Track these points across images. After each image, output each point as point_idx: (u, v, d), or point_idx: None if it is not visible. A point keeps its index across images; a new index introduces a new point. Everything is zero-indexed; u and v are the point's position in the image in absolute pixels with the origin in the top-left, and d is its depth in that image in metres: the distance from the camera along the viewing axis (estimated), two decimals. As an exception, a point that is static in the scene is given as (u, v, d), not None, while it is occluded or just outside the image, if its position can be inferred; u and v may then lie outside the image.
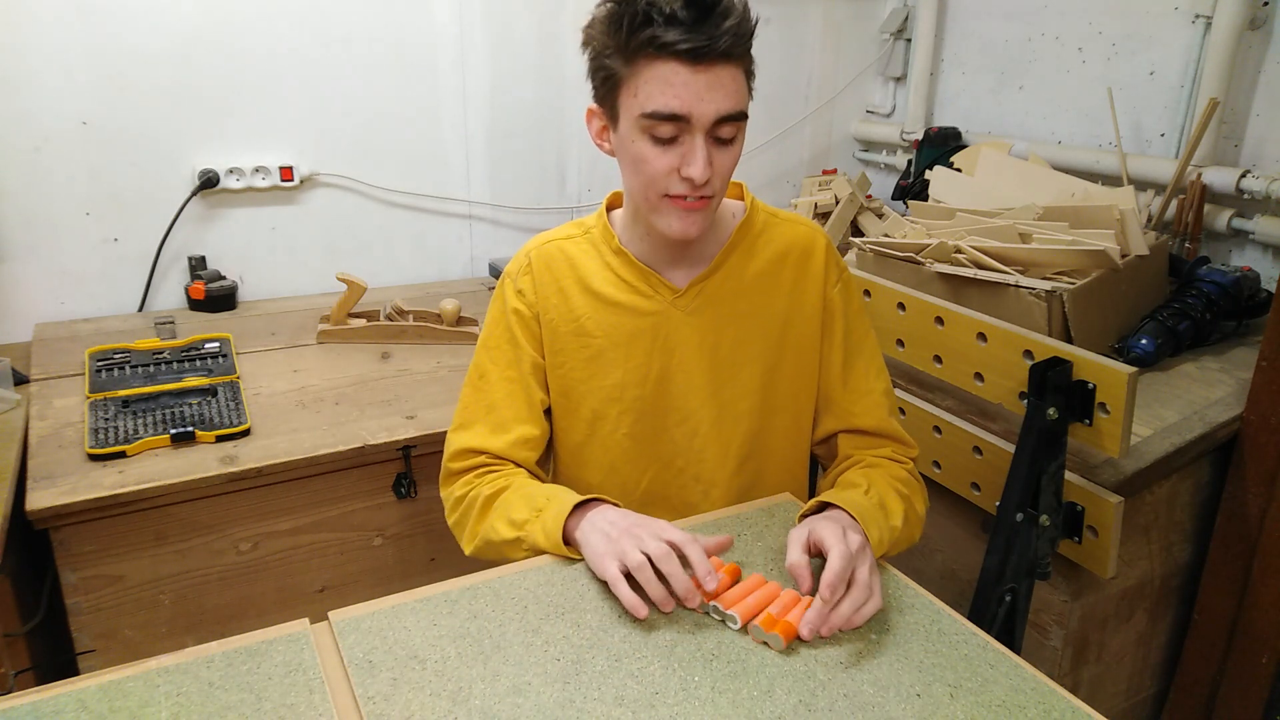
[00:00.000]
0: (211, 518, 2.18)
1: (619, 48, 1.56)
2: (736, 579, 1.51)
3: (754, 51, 1.65)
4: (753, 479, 1.86)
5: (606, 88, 1.62)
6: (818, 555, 1.50)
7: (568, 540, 1.59)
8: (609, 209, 1.86)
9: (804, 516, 1.63)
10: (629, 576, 1.45)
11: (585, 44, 1.64)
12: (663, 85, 1.53)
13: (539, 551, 1.61)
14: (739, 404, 1.80)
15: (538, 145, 3.55)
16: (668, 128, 1.55)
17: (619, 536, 1.50)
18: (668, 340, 1.78)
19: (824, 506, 1.63)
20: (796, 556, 1.48)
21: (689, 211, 1.62)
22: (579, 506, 1.61)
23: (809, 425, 1.90)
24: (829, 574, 1.41)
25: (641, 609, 1.41)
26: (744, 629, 1.42)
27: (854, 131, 4.30)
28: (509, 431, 1.80)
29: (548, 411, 1.86)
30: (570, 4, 3.39)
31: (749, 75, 1.63)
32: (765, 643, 1.39)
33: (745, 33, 1.56)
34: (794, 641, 1.40)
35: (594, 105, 1.69)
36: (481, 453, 1.80)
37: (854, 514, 1.57)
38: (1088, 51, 3.30)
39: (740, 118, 1.59)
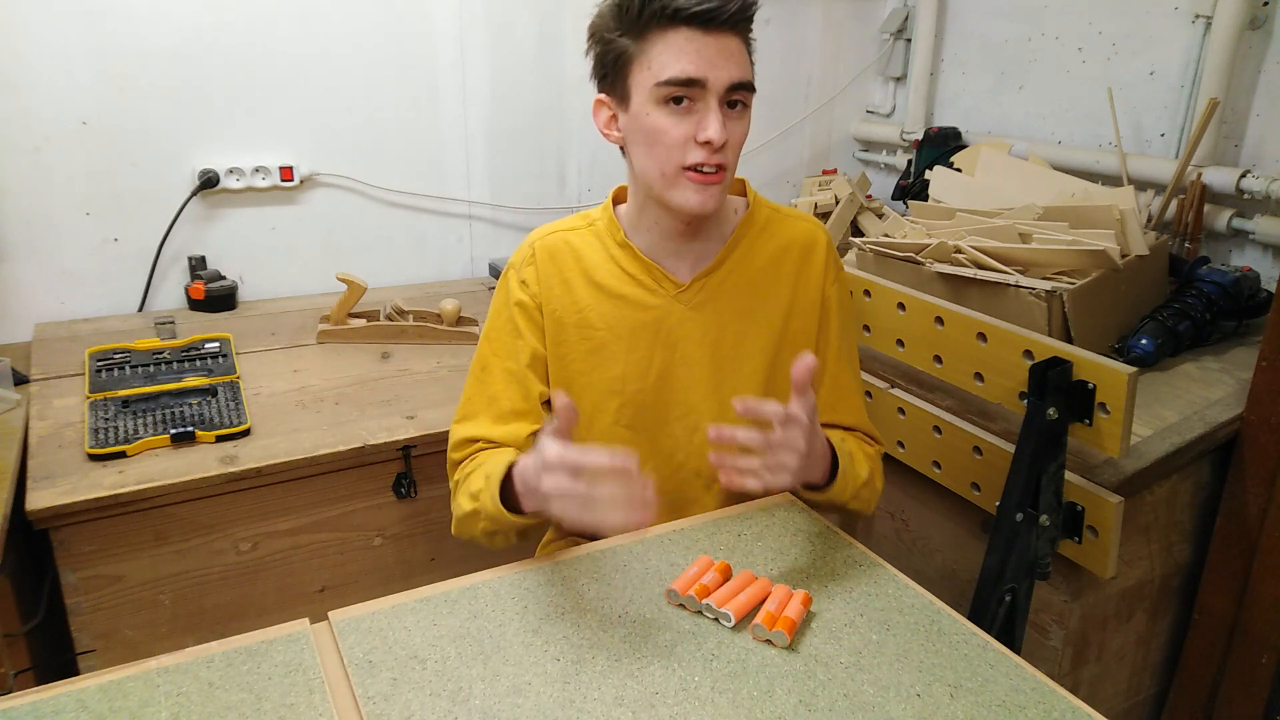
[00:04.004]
0: (211, 518, 2.18)
1: (629, 25, 1.60)
2: (727, 577, 1.52)
3: (754, 51, 1.67)
4: None
5: (616, 70, 1.65)
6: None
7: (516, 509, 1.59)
8: (615, 203, 1.87)
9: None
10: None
11: (591, 37, 1.68)
12: (677, 52, 1.57)
13: (495, 521, 1.61)
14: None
15: (537, 145, 3.55)
16: (683, 93, 1.59)
17: (540, 495, 1.46)
18: (670, 334, 1.78)
19: None
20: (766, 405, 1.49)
21: (705, 185, 1.64)
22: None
23: None
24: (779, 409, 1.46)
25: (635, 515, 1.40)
26: (736, 626, 1.43)
27: (854, 131, 4.29)
28: (509, 423, 1.82)
29: (548, 403, 1.86)
30: (570, 4, 3.39)
31: (751, 55, 1.67)
32: (769, 640, 1.40)
33: (751, 4, 1.60)
34: (796, 638, 1.41)
35: (601, 95, 1.72)
36: (479, 439, 1.81)
37: (833, 443, 1.66)
38: (1088, 51, 3.30)
39: (750, 88, 1.64)
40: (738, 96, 1.62)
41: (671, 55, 1.57)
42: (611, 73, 1.67)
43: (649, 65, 1.59)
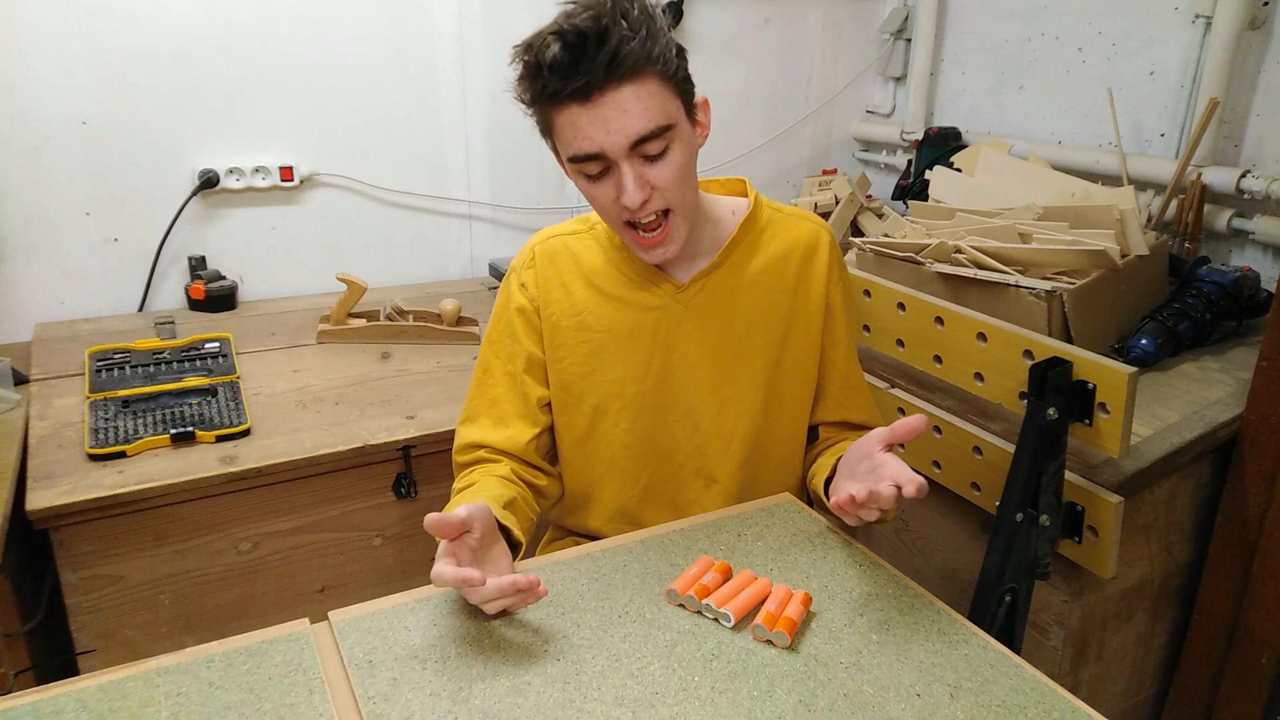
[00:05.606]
0: (211, 518, 2.18)
1: (531, 99, 1.58)
2: (727, 577, 1.52)
3: (753, 51, 1.65)
4: (753, 475, 1.86)
5: (544, 132, 1.65)
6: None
7: None
8: None
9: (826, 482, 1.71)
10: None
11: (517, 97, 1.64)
12: (571, 130, 1.54)
13: None
14: (741, 400, 1.81)
15: (537, 145, 3.46)
16: (593, 166, 1.57)
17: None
18: (669, 336, 1.78)
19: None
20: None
21: (650, 247, 1.65)
22: None
23: (806, 421, 1.91)
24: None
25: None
26: (736, 626, 1.43)
27: (854, 131, 4.30)
28: (509, 426, 1.83)
29: (549, 406, 1.86)
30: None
31: (667, 78, 1.56)
32: (769, 641, 1.40)
33: (625, 54, 1.49)
34: (796, 639, 1.41)
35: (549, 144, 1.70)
36: (483, 446, 1.82)
37: None
38: (1088, 51, 3.30)
39: (661, 132, 1.55)
40: (650, 149, 1.56)
41: (568, 133, 1.55)
42: (542, 133, 1.66)
43: (558, 138, 1.59)
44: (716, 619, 1.44)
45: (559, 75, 1.49)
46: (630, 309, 1.78)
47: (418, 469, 2.38)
